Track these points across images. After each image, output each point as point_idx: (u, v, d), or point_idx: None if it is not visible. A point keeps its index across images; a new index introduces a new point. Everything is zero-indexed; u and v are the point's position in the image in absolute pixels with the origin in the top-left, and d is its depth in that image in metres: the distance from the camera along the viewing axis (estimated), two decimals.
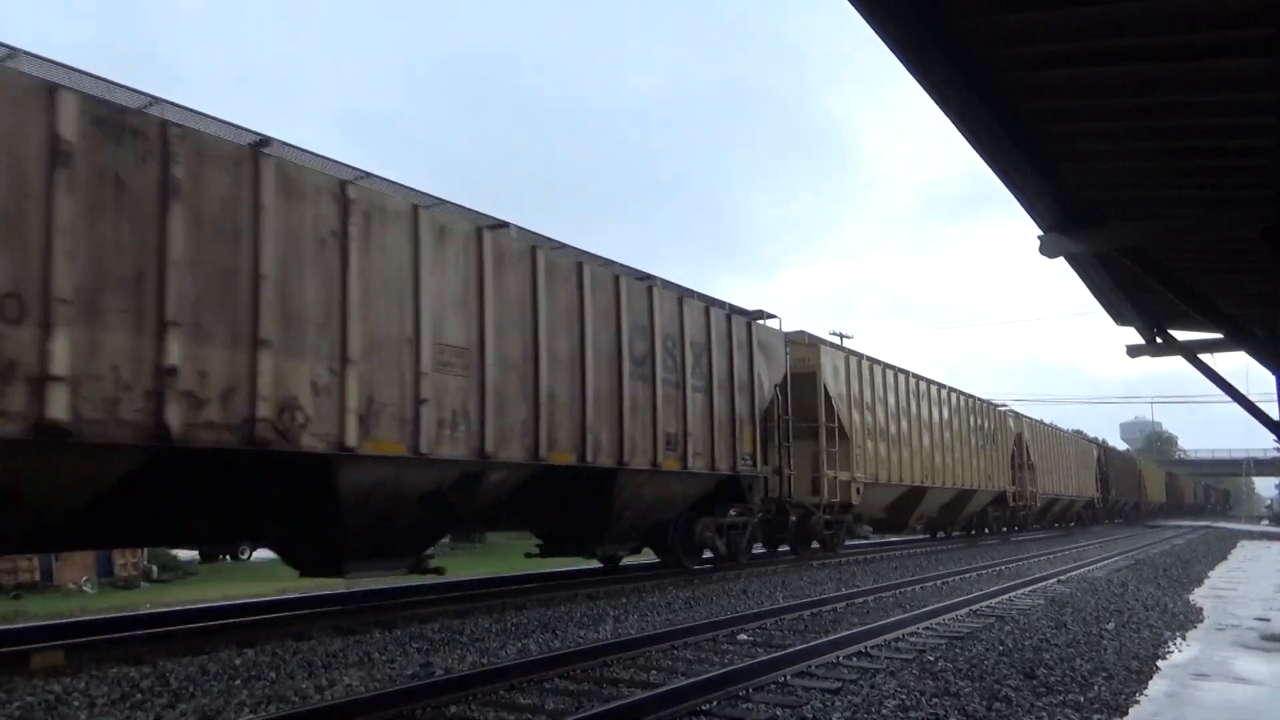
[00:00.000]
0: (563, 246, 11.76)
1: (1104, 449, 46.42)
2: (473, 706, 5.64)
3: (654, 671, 6.73)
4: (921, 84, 4.71)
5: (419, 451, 8.75)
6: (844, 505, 18.00)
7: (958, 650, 7.46)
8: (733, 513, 14.70)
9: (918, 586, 12.85)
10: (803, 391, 16.77)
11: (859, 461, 18.26)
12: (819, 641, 7.50)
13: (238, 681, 6.25)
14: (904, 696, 5.75)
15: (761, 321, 15.25)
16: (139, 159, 6.86)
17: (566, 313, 10.85)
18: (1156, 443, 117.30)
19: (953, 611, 9.93)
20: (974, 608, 10.36)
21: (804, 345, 17.44)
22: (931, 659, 7.08)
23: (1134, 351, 11.10)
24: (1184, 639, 8.64)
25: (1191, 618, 10.25)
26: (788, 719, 5.30)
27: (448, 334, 9.23)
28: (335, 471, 8.09)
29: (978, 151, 5.58)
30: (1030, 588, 12.76)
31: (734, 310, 14.60)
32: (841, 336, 19.37)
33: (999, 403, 28.65)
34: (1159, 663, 7.32)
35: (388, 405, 8.50)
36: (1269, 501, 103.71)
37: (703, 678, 5.96)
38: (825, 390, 17.26)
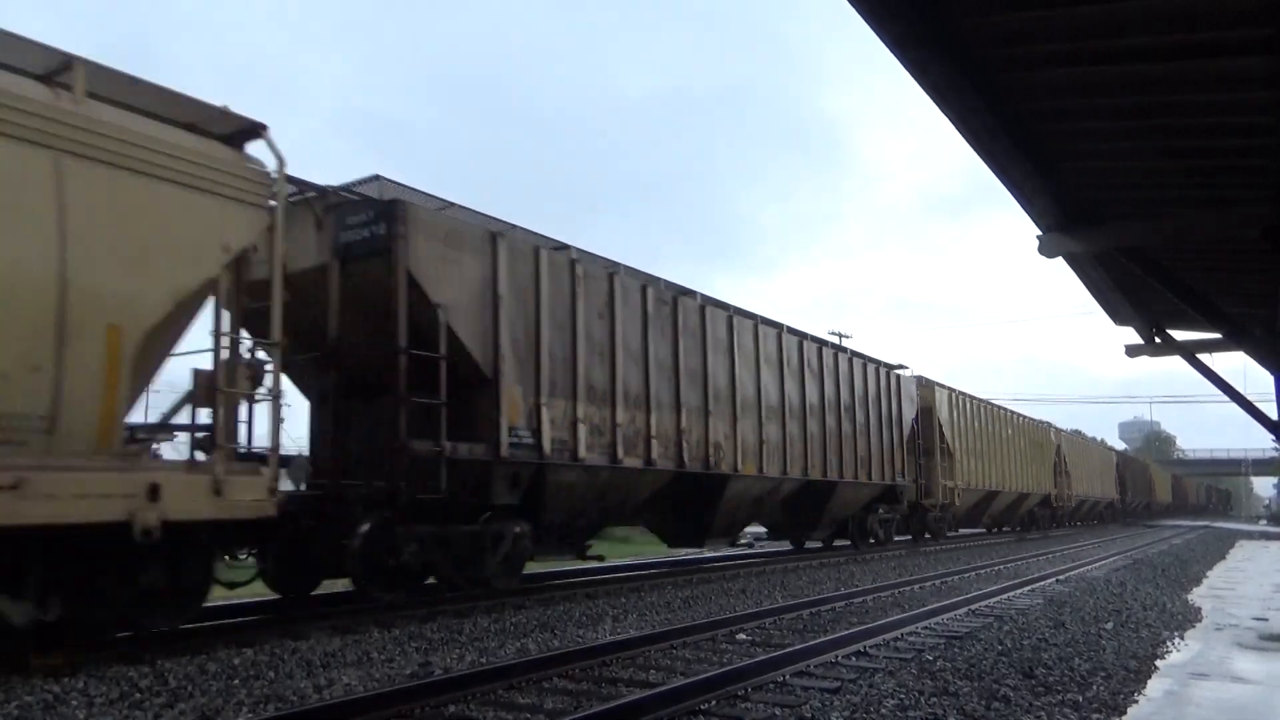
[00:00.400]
0: (769, 321, 16.15)
1: (1122, 456, 53.28)
2: (471, 706, 5.64)
3: (653, 671, 6.73)
4: (921, 84, 4.71)
5: (762, 472, 15.05)
6: (946, 505, 24.08)
7: (956, 650, 7.46)
8: (881, 510, 20.60)
9: (916, 586, 12.85)
10: (923, 422, 22.93)
11: (959, 473, 24.59)
12: (818, 641, 7.49)
13: (236, 681, 6.24)
14: (903, 696, 5.75)
15: (899, 371, 21.05)
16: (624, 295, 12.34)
17: (811, 379, 16.94)
18: (1155, 442, 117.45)
19: (951, 611, 9.93)
20: (973, 607, 10.36)
21: (924, 387, 23.18)
22: (930, 658, 7.08)
23: (1133, 351, 11.11)
24: (1182, 639, 8.64)
25: (1190, 617, 10.25)
26: (787, 718, 5.29)
27: (763, 392, 15.35)
28: (727, 484, 14.14)
29: (977, 151, 5.58)
30: (1029, 587, 12.77)
31: (886, 365, 20.36)
32: (840, 336, 19.43)
33: (1035, 417, 34.15)
34: (1157, 662, 7.33)
35: (753, 442, 14.88)
36: (1267, 501, 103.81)
37: (701, 677, 5.95)
38: (938, 420, 23.51)
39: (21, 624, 6.44)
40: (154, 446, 7.39)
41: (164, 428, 7.65)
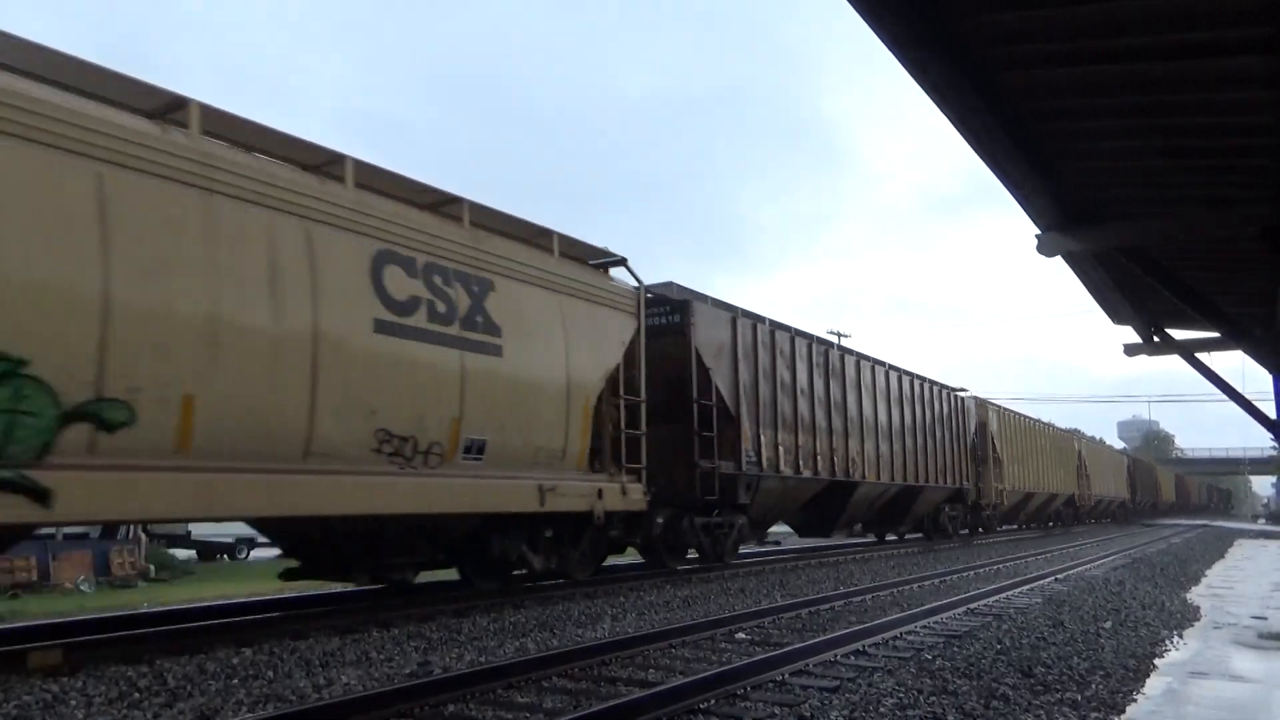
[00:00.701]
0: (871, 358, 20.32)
1: (1132, 459, 57.88)
2: (471, 705, 5.64)
3: (652, 670, 6.73)
4: (920, 83, 4.71)
5: (881, 479, 19.55)
6: (996, 505, 28.22)
7: (955, 649, 7.46)
8: (948, 509, 25.23)
9: (915, 585, 12.86)
10: (980, 435, 27.04)
11: (1006, 477, 28.75)
12: (817, 640, 7.50)
13: (235, 681, 6.24)
14: (902, 695, 5.75)
15: (961, 394, 25.72)
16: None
17: (905, 405, 21.42)
18: (1154, 442, 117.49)
19: (950, 610, 9.93)
20: (971, 606, 10.37)
21: (980, 405, 27.54)
22: (929, 657, 7.08)
23: (1131, 350, 11.11)
24: (1181, 637, 8.65)
25: (1189, 616, 10.26)
26: (786, 717, 5.29)
27: (877, 417, 19.74)
28: (857, 486, 18.43)
29: (976, 150, 5.58)
30: (1027, 586, 12.78)
31: (952, 390, 24.86)
32: (839, 335, 19.63)
33: (1052, 422, 38.37)
34: (1156, 661, 7.33)
35: (873, 457, 19.16)
36: (1266, 500, 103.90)
37: (701, 676, 5.95)
38: (990, 433, 27.73)
39: (540, 569, 11.16)
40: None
41: (594, 453, 11.55)
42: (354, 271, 8.36)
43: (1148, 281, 7.86)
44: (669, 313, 14.02)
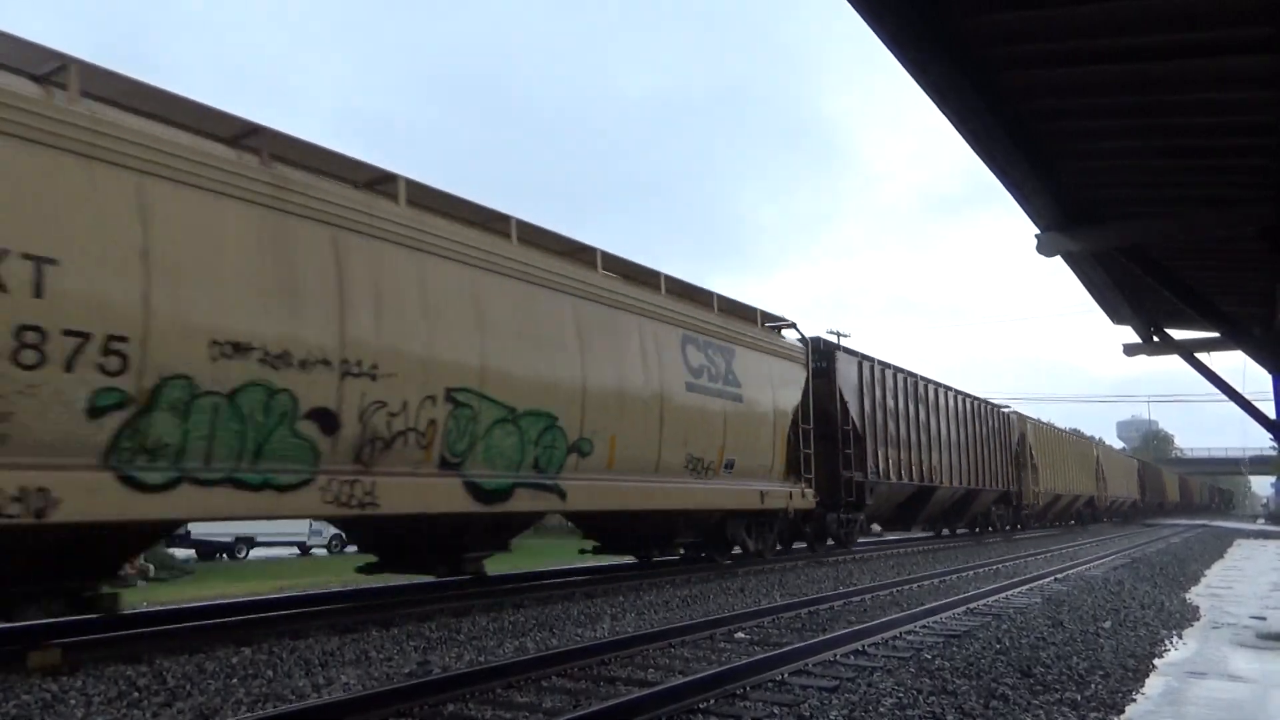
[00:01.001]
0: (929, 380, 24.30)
1: (1142, 463, 63.36)
2: (470, 705, 5.64)
3: (651, 670, 6.73)
4: (920, 83, 4.71)
5: (953, 484, 24.22)
6: (1033, 504, 32.29)
7: (955, 649, 7.46)
8: (996, 508, 29.72)
9: (915, 585, 12.86)
10: (1021, 445, 31.49)
11: (1042, 480, 33.08)
12: (816, 640, 7.50)
13: (235, 680, 6.24)
14: (901, 695, 5.75)
15: (1005, 410, 30.51)
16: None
17: (966, 421, 26.11)
18: (1153, 442, 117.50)
19: (950, 610, 9.93)
20: (971, 606, 10.37)
21: (1020, 419, 32.01)
22: (929, 657, 7.08)
23: (1131, 350, 11.11)
24: (1180, 637, 8.65)
25: (1188, 616, 10.26)
26: (785, 717, 5.29)
27: (946, 432, 24.43)
28: (935, 490, 23.04)
29: (976, 150, 5.58)
30: (1027, 586, 12.78)
31: (1000, 407, 29.88)
32: (839, 335, 19.51)
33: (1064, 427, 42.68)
34: (1155, 661, 7.33)
35: (946, 466, 23.77)
36: (1265, 500, 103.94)
37: (700, 676, 5.95)
38: (1029, 443, 31.85)
39: (752, 550, 15.63)
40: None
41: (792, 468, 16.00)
42: (672, 350, 12.92)
43: (1147, 281, 7.86)
44: (821, 358, 18.36)
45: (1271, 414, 10.16)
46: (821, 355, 18.39)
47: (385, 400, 8.47)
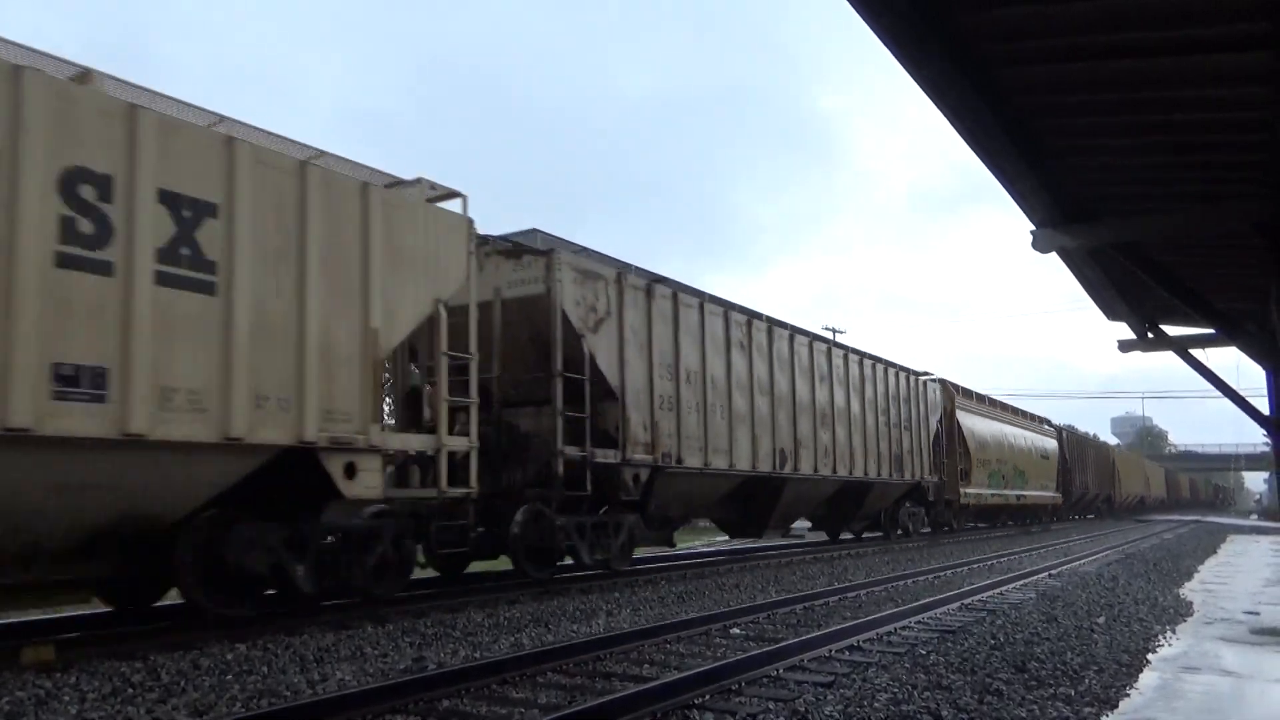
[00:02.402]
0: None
1: (1167, 469, 73.14)
2: (465, 701, 5.63)
3: (647, 665, 6.73)
4: (916, 79, 4.71)
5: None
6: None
7: (949, 644, 7.48)
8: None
9: (909, 581, 12.88)
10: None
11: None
12: (811, 635, 7.51)
13: (229, 676, 6.23)
14: (896, 690, 5.76)
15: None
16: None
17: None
18: (1147, 438, 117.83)
19: (944, 606, 9.95)
20: (965, 602, 10.39)
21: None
22: (923, 652, 7.10)
23: (1126, 346, 11.13)
24: (1174, 633, 8.67)
25: (1181, 611, 10.29)
26: (781, 712, 5.30)
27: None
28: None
29: (972, 147, 5.58)
30: (1021, 582, 12.81)
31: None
32: (834, 332, 19.51)
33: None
34: (1149, 656, 7.35)
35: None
36: (1258, 496, 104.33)
37: (696, 671, 5.95)
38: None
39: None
40: None
41: None
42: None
43: (1142, 278, 7.87)
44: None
45: (1265, 409, 10.19)
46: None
47: None
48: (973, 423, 27.21)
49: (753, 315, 15.97)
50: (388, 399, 12.37)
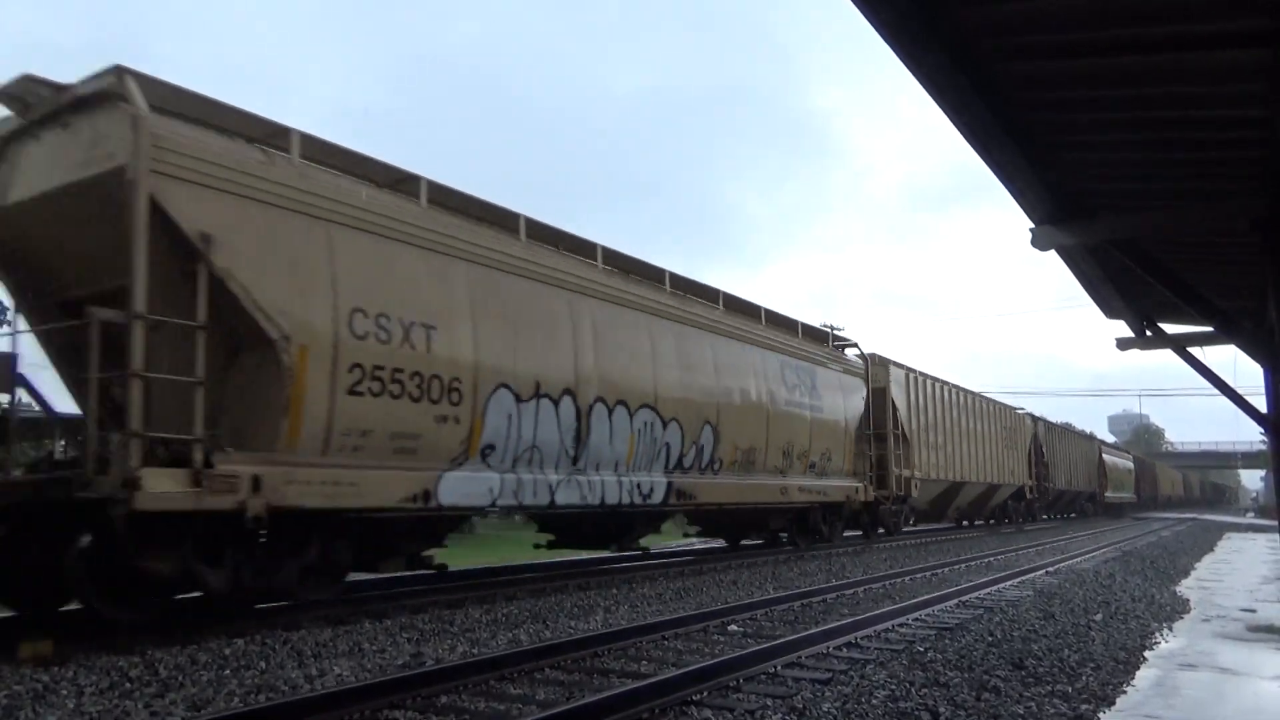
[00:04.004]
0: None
1: (1185, 473, 76.04)
2: (463, 697, 5.64)
3: (645, 662, 6.74)
4: (914, 74, 4.69)
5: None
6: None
7: (947, 641, 7.49)
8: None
9: (907, 578, 12.89)
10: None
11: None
12: (809, 632, 7.52)
13: (227, 671, 6.23)
14: (894, 687, 5.77)
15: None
16: None
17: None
18: (1144, 436, 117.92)
19: (942, 603, 9.97)
20: (963, 599, 10.41)
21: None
22: (921, 650, 7.11)
23: (1124, 344, 11.13)
24: (1171, 630, 8.70)
25: (1178, 609, 10.31)
26: (778, 709, 5.31)
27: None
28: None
29: (970, 143, 5.57)
30: (1019, 579, 12.83)
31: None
32: (832, 328, 19.41)
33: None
34: (1146, 653, 7.37)
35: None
36: (1255, 494, 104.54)
37: (693, 668, 5.96)
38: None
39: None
40: None
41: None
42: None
43: (1140, 275, 7.86)
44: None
45: (1263, 408, 10.19)
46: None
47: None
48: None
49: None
50: None
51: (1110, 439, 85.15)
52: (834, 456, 17.63)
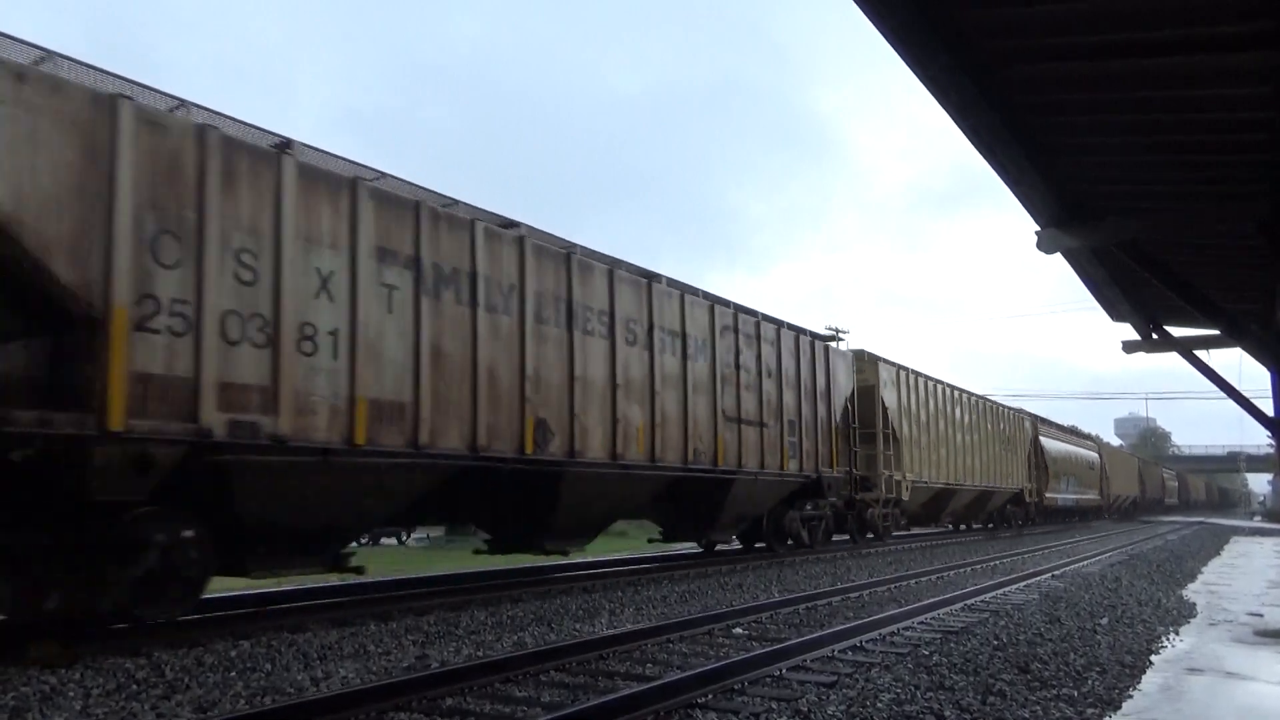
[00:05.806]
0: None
1: (1207, 480, 79.63)
2: (468, 699, 5.64)
3: (650, 665, 6.74)
4: (920, 77, 4.70)
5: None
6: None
7: (952, 644, 7.47)
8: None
9: (912, 581, 12.87)
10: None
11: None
12: (814, 635, 7.51)
13: (233, 673, 6.24)
14: (899, 690, 5.76)
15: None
16: None
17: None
18: (1151, 439, 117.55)
19: (947, 606, 9.95)
20: (968, 602, 10.38)
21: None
22: (926, 653, 7.09)
23: (1130, 347, 11.12)
24: (1177, 634, 8.66)
25: (1185, 613, 10.27)
26: (783, 712, 5.30)
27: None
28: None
29: (975, 145, 5.57)
30: (1024, 583, 12.80)
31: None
32: (838, 332, 19.37)
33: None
34: (1152, 657, 7.34)
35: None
36: (1262, 498, 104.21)
37: (698, 671, 5.96)
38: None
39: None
40: None
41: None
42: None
43: (1146, 278, 7.86)
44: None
45: (1270, 411, 10.17)
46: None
47: None
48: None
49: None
50: None
51: (1117, 442, 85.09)
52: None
